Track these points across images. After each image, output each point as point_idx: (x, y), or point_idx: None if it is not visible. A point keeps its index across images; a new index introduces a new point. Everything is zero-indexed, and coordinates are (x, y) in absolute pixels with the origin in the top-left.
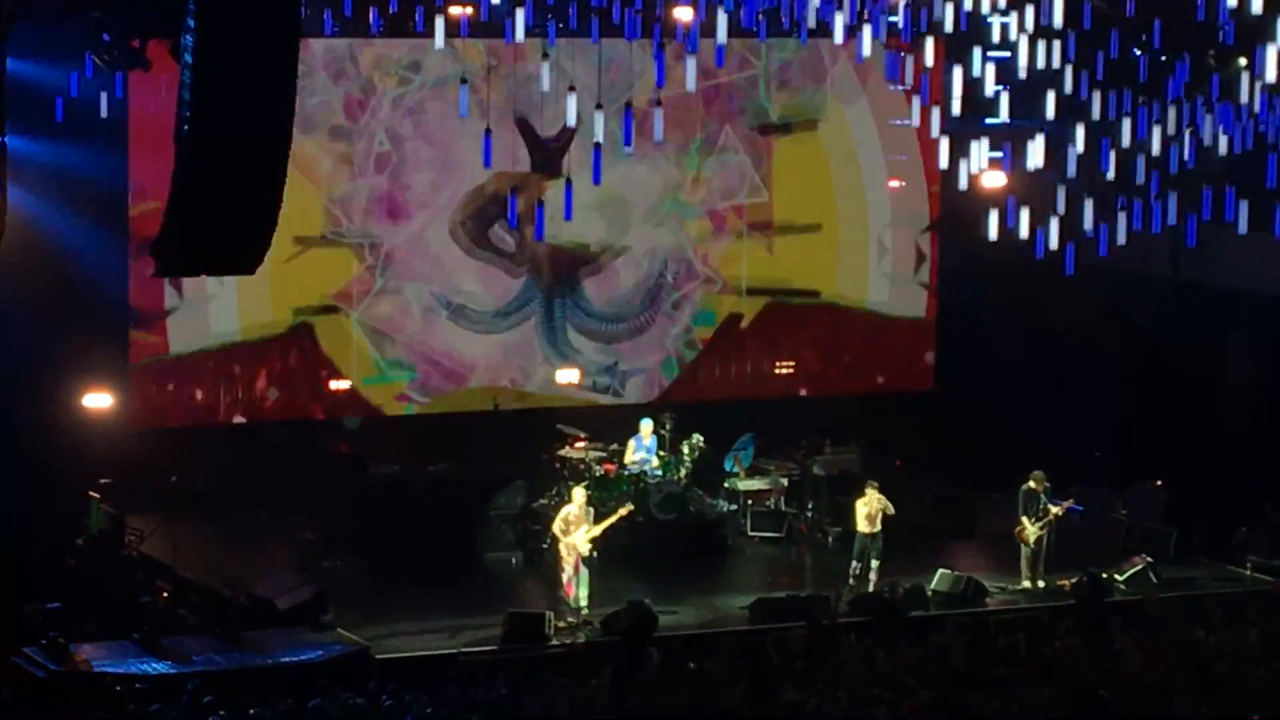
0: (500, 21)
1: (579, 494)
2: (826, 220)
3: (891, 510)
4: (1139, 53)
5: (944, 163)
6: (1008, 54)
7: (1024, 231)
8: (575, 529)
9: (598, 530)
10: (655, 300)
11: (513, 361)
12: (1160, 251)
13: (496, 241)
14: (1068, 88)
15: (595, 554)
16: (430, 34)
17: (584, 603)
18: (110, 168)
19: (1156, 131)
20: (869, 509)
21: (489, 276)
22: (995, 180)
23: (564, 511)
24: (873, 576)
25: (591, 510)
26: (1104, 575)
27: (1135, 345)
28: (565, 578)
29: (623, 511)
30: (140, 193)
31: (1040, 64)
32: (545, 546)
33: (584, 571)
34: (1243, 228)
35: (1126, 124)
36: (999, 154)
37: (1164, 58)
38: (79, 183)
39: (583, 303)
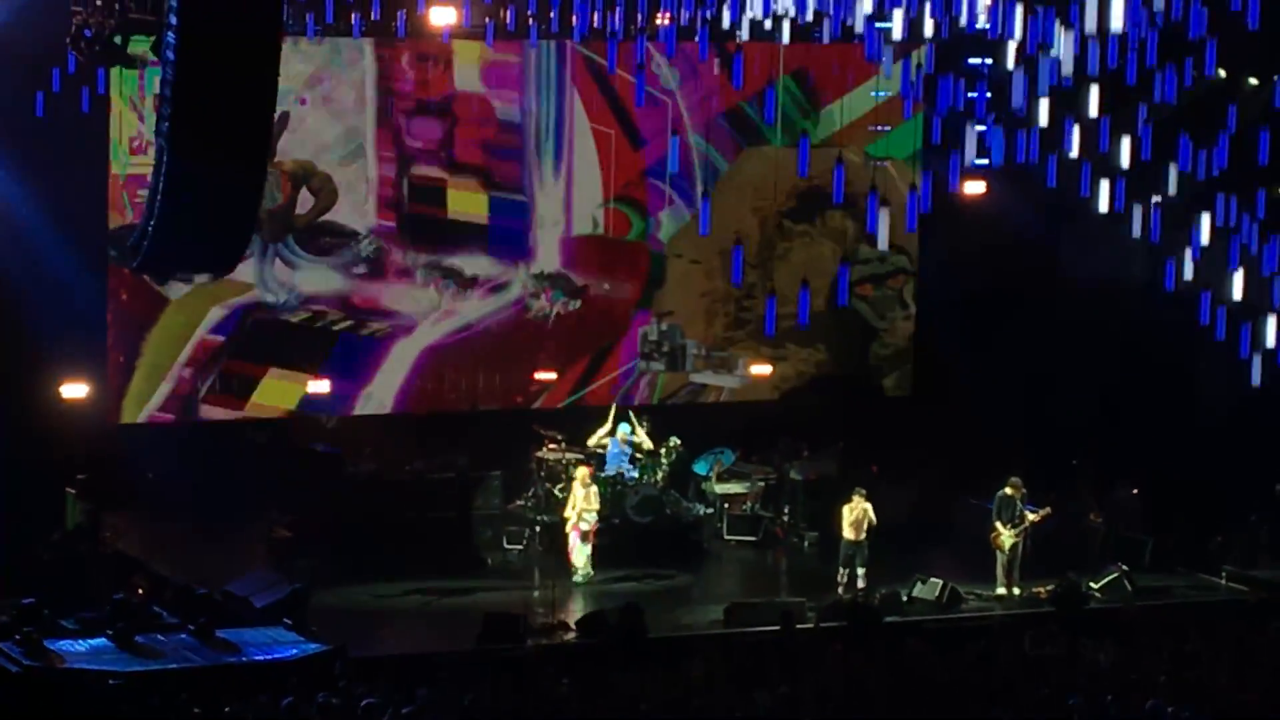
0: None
1: (580, 471)
2: None
3: (874, 520)
4: None
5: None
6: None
7: None
8: (572, 504)
9: (577, 507)
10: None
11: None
12: (1139, 259)
13: None
14: None
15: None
16: (414, 36)
17: (579, 571)
18: (90, 163)
19: None
20: (854, 516)
21: None
22: (976, 186)
23: (572, 487)
24: (860, 584)
25: (591, 487)
26: (1081, 582)
27: (1113, 352)
28: (569, 546)
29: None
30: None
31: None
32: (522, 546)
33: (574, 541)
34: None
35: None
36: (984, 161)
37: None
38: (59, 172)
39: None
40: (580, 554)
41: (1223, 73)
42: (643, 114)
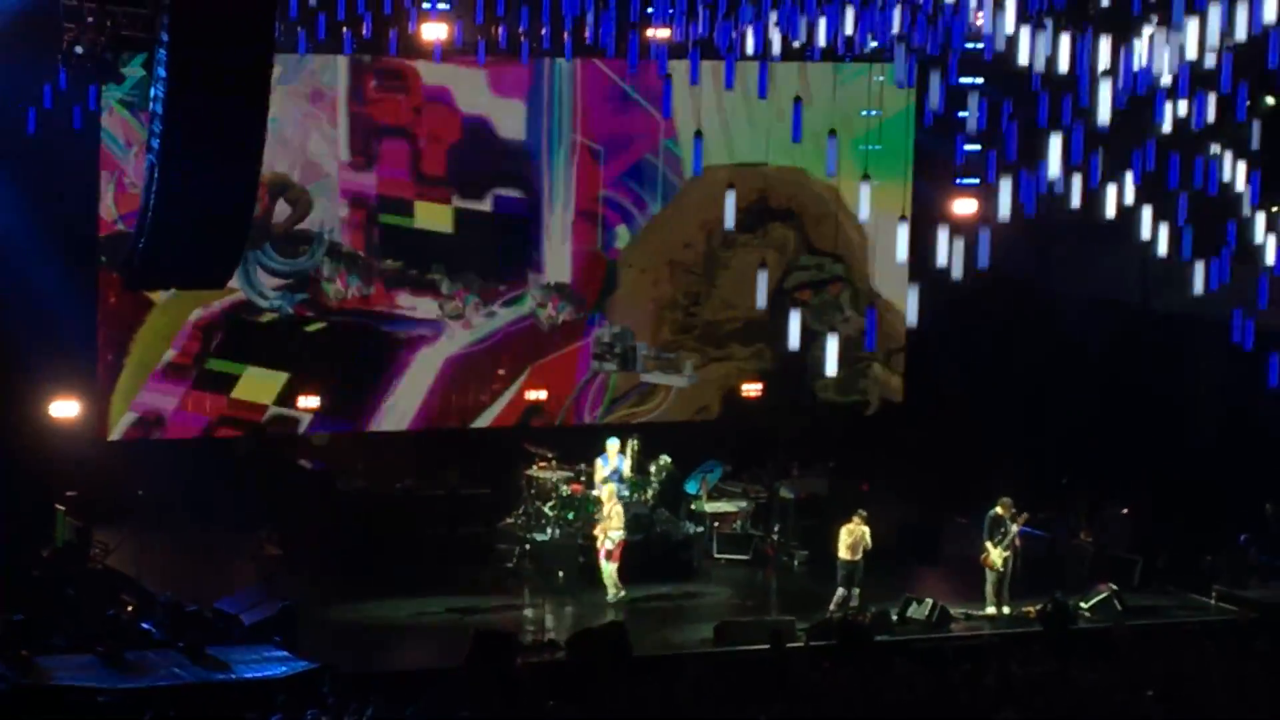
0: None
1: (605, 489)
2: None
3: (869, 544)
4: None
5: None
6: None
7: None
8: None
9: (599, 528)
10: None
11: None
12: (1129, 279)
13: None
14: None
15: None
16: (405, 54)
17: (609, 593)
18: (81, 178)
19: None
20: (853, 537)
21: None
22: (967, 207)
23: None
24: (853, 603)
25: (615, 506)
26: (1069, 602)
27: (1104, 372)
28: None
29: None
30: (110, 203)
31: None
32: (512, 564)
33: (603, 563)
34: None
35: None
36: (974, 180)
37: None
38: (50, 192)
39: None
40: (606, 575)
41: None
42: (609, 128)
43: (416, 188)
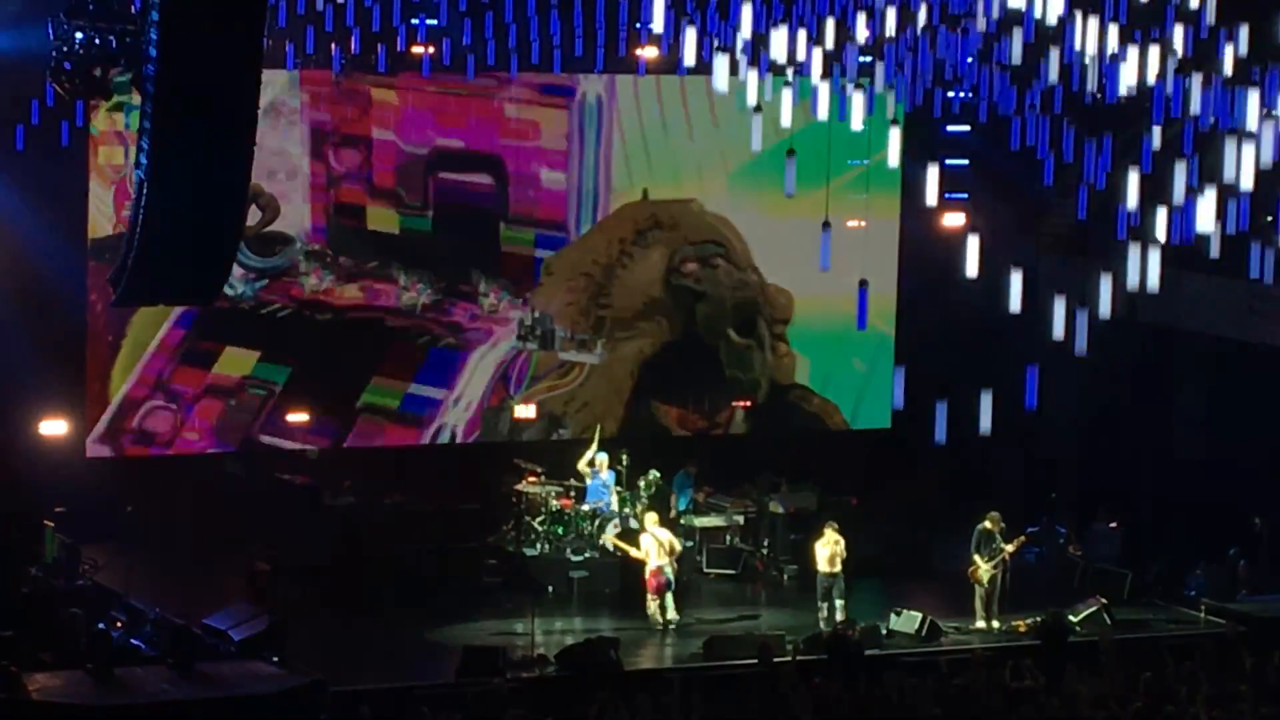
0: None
1: (646, 518)
2: None
3: (844, 553)
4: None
5: None
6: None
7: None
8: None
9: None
10: None
11: None
12: (1117, 291)
13: None
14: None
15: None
16: (393, 69)
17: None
18: (70, 195)
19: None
20: (829, 550)
21: None
22: (955, 219)
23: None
24: (839, 616)
25: (649, 539)
26: (1064, 617)
27: (1091, 386)
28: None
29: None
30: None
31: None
32: (502, 580)
33: (648, 599)
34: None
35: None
36: (962, 195)
37: None
38: (38, 210)
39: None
40: (651, 605)
41: None
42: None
43: (369, 196)
